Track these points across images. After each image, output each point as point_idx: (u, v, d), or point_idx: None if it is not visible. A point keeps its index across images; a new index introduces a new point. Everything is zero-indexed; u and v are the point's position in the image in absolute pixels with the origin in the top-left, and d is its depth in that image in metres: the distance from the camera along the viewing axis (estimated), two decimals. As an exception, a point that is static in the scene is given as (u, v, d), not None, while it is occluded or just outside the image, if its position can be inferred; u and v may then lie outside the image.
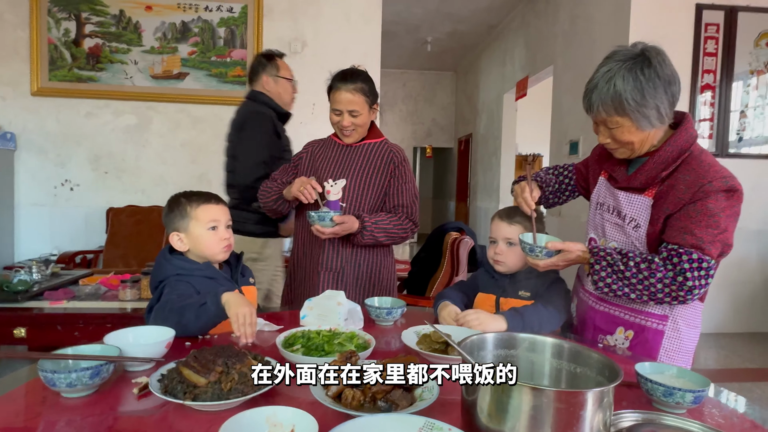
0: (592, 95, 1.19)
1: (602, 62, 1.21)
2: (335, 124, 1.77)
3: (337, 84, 1.74)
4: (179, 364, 0.86)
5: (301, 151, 1.93)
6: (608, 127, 1.21)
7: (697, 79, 3.93)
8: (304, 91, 4.51)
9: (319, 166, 1.82)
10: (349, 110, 1.72)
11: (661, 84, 1.14)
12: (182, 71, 4.30)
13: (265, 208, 1.91)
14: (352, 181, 1.77)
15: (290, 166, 1.92)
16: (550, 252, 1.25)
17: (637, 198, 1.26)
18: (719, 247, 1.14)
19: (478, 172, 7.92)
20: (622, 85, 1.14)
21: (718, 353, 3.73)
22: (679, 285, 1.13)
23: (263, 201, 1.89)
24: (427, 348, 1.12)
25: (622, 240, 1.30)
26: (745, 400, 1.01)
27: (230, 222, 1.44)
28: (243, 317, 1.08)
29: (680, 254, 1.14)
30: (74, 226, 4.26)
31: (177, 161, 4.34)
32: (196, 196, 1.41)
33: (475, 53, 8.02)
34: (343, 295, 1.33)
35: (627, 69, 1.15)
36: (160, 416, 0.82)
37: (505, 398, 0.69)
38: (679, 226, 1.17)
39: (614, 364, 0.74)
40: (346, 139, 1.79)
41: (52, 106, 4.13)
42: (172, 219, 1.38)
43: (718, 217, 1.13)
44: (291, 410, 0.72)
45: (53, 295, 2.32)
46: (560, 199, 1.59)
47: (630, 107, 1.14)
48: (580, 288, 1.45)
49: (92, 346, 0.93)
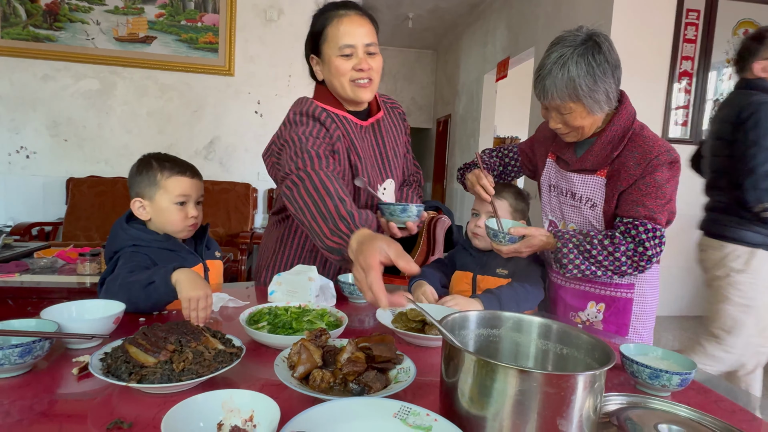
0: (545, 82, 1.19)
1: (550, 48, 1.21)
2: (343, 74, 1.28)
3: (341, 11, 1.27)
4: (126, 342, 0.76)
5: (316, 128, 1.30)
6: (561, 113, 1.22)
7: (676, 65, 3.93)
8: (280, 62, 4.35)
9: (354, 162, 1.36)
10: (366, 44, 1.27)
11: (609, 69, 1.17)
12: (149, 35, 4.04)
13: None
14: (394, 176, 1.48)
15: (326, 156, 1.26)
16: (514, 238, 1.25)
17: (590, 178, 1.29)
18: (666, 215, 1.23)
19: (455, 153, 7.87)
20: (576, 70, 1.15)
21: (681, 335, 3.84)
22: (639, 255, 1.19)
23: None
24: (403, 327, 1.06)
25: (579, 221, 1.34)
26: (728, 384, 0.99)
27: (201, 198, 1.33)
28: (195, 302, 0.96)
29: (636, 226, 1.20)
30: (31, 197, 4.01)
31: (143, 131, 4.12)
32: (170, 163, 1.28)
33: (456, 32, 7.88)
34: (314, 270, 1.25)
35: (579, 54, 1.15)
36: (101, 400, 0.73)
37: (489, 381, 0.63)
38: (631, 200, 1.22)
39: (606, 345, 0.69)
40: (362, 93, 1.31)
41: (4, 66, 3.83)
42: (138, 182, 1.26)
43: (664, 188, 1.21)
44: (249, 394, 0.63)
45: (4, 267, 2.18)
46: (504, 180, 1.60)
47: (583, 92, 1.15)
48: (547, 268, 1.46)
49: (26, 321, 0.82)
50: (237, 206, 4.11)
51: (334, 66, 1.28)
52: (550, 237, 1.26)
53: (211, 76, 4.16)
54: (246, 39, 4.18)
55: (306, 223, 1.10)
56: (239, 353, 0.81)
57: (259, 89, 4.23)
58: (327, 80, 1.35)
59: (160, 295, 1.03)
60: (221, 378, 0.79)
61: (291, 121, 1.32)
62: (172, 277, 1.02)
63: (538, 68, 1.21)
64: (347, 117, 1.38)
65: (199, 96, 4.15)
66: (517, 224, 1.31)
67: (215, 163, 4.26)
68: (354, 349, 0.79)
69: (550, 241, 1.26)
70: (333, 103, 1.38)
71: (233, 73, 4.17)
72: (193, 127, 4.17)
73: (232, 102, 4.21)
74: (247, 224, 4.09)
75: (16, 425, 0.66)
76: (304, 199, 1.11)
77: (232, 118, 4.23)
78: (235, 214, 4.09)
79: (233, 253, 3.59)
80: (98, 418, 0.68)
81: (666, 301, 4.18)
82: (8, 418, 0.68)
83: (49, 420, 0.67)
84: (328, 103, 1.38)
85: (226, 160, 4.28)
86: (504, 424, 0.62)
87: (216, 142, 4.24)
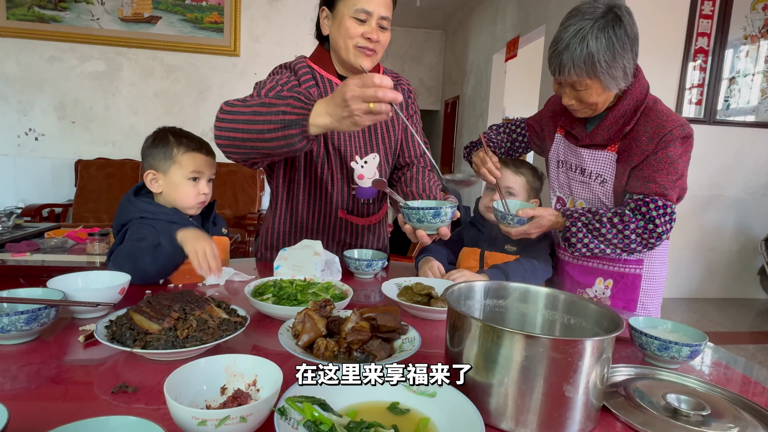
0: (562, 56, 1.13)
1: (567, 20, 1.14)
2: (352, 37, 1.24)
3: None
4: (130, 310, 0.77)
5: (288, 78, 1.28)
6: (575, 89, 1.18)
7: (691, 42, 3.82)
8: (286, 41, 4.29)
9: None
10: (382, 16, 1.23)
11: (629, 43, 1.12)
12: (154, 15, 4.00)
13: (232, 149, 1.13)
14: (381, 152, 1.41)
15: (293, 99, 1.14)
16: (522, 219, 1.22)
17: (601, 154, 1.26)
18: (677, 192, 1.20)
19: (463, 135, 7.78)
20: (595, 45, 1.09)
21: (690, 317, 3.81)
22: (649, 233, 1.17)
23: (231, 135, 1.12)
24: (409, 300, 1.05)
25: (588, 197, 1.31)
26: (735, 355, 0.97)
27: (213, 177, 1.34)
28: (202, 251, 0.97)
29: (647, 203, 1.17)
30: (41, 178, 4.04)
31: (149, 112, 4.11)
32: (186, 139, 1.29)
33: (465, 10, 7.72)
34: (320, 244, 1.24)
35: (599, 28, 1.10)
36: (108, 366, 0.73)
37: (495, 348, 0.62)
38: (641, 175, 1.19)
39: (614, 313, 0.68)
40: (363, 61, 1.26)
41: (11, 47, 3.82)
42: (153, 155, 1.27)
43: (676, 163, 1.18)
44: (253, 358, 0.63)
45: (15, 247, 2.20)
46: (512, 156, 1.57)
47: (602, 69, 1.10)
48: (555, 245, 1.44)
49: (32, 290, 0.83)
50: (244, 188, 4.11)
51: (344, 26, 1.24)
52: (559, 216, 1.24)
53: (216, 57, 4.12)
54: (251, 18, 4.12)
55: (242, 127, 1.03)
56: (243, 322, 0.81)
57: (265, 69, 4.13)
58: (332, 37, 1.30)
59: (167, 256, 1.04)
60: (225, 346, 0.79)
61: (272, 72, 1.34)
62: (177, 237, 1.02)
63: (554, 41, 1.16)
64: (333, 81, 1.35)
65: (205, 77, 4.12)
66: (525, 205, 1.29)
67: (222, 144, 4.24)
68: (358, 319, 0.78)
69: (558, 221, 1.24)
70: (326, 66, 1.35)
71: (239, 53, 4.13)
72: (199, 108, 4.15)
73: (238, 82, 4.17)
74: (254, 206, 4.10)
75: (24, 390, 0.67)
76: (237, 110, 1.06)
77: (239, 99, 4.20)
78: (242, 196, 4.09)
79: (240, 234, 3.60)
80: (103, 383, 0.68)
81: (675, 283, 4.15)
82: (16, 383, 0.68)
83: (56, 385, 0.68)
84: (320, 64, 1.35)
85: (232, 142, 4.26)
86: (509, 390, 0.61)
87: (222, 123, 4.23)
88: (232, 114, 1.07)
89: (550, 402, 0.60)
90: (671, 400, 0.70)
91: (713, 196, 4.13)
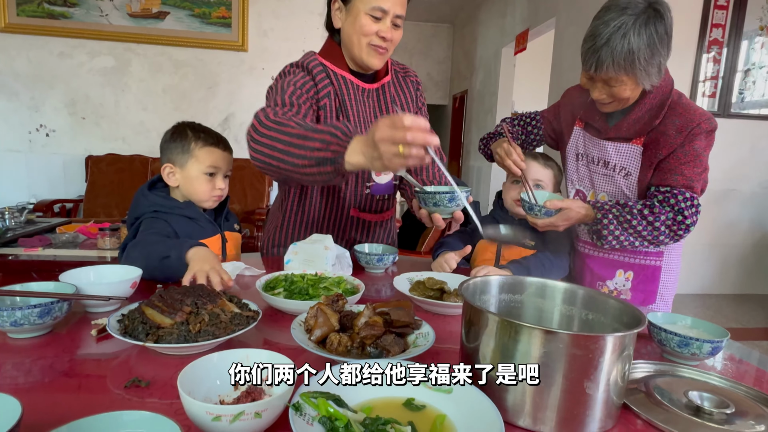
0: (601, 52, 1.09)
1: (605, 14, 1.10)
2: (366, 34, 1.23)
3: None
4: (142, 304, 0.76)
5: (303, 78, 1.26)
6: (609, 85, 1.15)
7: (705, 33, 3.75)
8: (294, 36, 4.28)
9: (350, 120, 1.31)
10: (397, 14, 1.22)
11: (666, 40, 1.09)
12: (162, 10, 4.00)
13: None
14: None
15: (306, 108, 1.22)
16: (550, 211, 1.21)
17: (626, 147, 1.25)
18: (702, 184, 1.20)
19: (472, 130, 7.73)
20: (637, 42, 1.06)
21: (704, 313, 3.76)
22: (678, 224, 1.17)
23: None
24: (421, 294, 1.04)
25: (611, 190, 1.30)
26: (757, 352, 0.95)
27: (230, 173, 1.35)
28: (203, 276, 0.94)
29: (675, 195, 1.18)
30: (52, 174, 4.07)
31: (159, 108, 4.12)
32: (204, 134, 1.30)
33: (474, 4, 7.65)
34: (330, 239, 1.23)
35: (641, 24, 1.06)
36: (121, 360, 0.73)
37: (512, 344, 0.61)
38: (668, 168, 1.19)
39: (635, 309, 0.66)
40: (375, 60, 1.27)
41: (21, 44, 3.84)
42: (172, 149, 1.28)
43: (702, 156, 1.18)
44: (266, 353, 0.62)
45: (28, 242, 2.22)
46: (525, 150, 1.53)
47: (640, 65, 1.08)
48: (574, 239, 1.43)
49: (45, 284, 0.82)
50: (253, 183, 4.12)
51: (359, 23, 1.22)
52: (589, 209, 1.22)
53: (224, 52, 4.11)
54: (259, 13, 4.11)
55: (278, 156, 1.00)
56: (256, 316, 0.80)
57: (273, 65, 4.18)
58: (344, 31, 1.28)
59: (173, 270, 1.02)
60: (237, 341, 0.78)
61: (283, 72, 1.30)
62: (187, 256, 1.01)
63: (590, 36, 1.12)
64: (346, 77, 1.33)
65: (213, 72, 4.12)
66: (554, 196, 1.28)
67: (230, 139, 4.16)
68: (371, 314, 0.77)
69: (589, 213, 1.22)
70: (337, 61, 1.32)
71: (247, 48, 4.12)
72: (208, 104, 4.16)
73: (246, 78, 4.17)
74: (263, 201, 4.10)
75: (38, 384, 0.67)
76: (273, 136, 1.01)
77: (246, 95, 4.20)
78: (251, 191, 4.10)
79: (249, 229, 3.61)
80: (116, 377, 0.68)
81: (689, 278, 4.09)
82: (29, 377, 0.68)
83: (69, 378, 0.68)
84: (331, 60, 1.33)
85: (241, 137, 4.26)
86: (528, 387, 0.60)
87: (231, 119, 4.23)
88: (268, 139, 1.02)
89: (570, 399, 0.59)
90: (693, 398, 0.68)
91: (728, 191, 4.06)
